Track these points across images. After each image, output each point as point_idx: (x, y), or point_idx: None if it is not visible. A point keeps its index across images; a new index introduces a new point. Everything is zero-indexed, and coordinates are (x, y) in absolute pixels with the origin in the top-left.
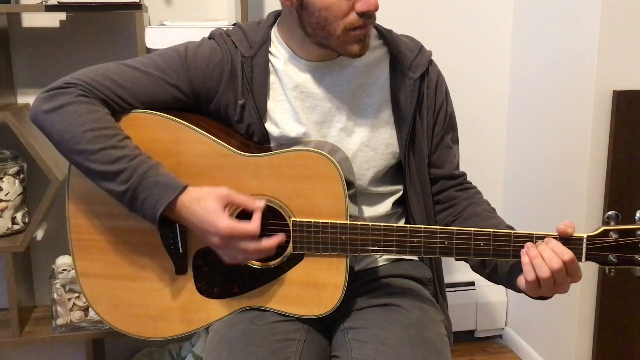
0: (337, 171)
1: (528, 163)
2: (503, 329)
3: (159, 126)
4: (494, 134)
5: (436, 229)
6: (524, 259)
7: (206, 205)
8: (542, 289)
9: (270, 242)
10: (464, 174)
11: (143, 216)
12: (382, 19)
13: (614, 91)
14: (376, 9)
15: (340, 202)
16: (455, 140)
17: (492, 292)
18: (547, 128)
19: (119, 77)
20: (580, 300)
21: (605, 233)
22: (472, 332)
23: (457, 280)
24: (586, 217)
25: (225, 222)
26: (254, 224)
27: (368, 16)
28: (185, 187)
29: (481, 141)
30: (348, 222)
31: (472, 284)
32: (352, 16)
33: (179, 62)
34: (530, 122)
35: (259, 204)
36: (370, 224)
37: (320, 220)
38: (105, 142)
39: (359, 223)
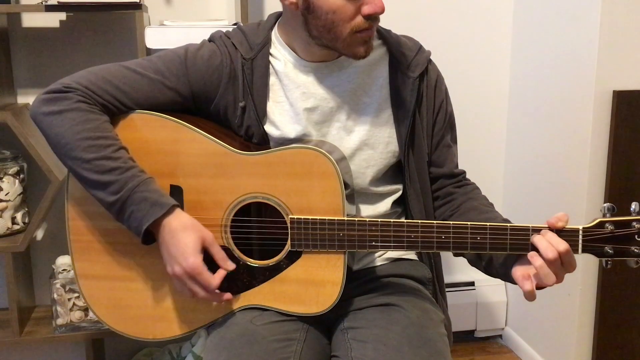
0: (334, 168)
1: (528, 163)
2: (503, 329)
3: (157, 126)
4: (494, 134)
5: (433, 223)
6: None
7: (187, 237)
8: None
9: (216, 298)
10: (463, 172)
11: (128, 227)
12: (383, 20)
13: (614, 91)
14: (382, 11)
15: (337, 198)
16: (454, 140)
17: (492, 292)
18: (547, 128)
19: (118, 80)
20: (580, 300)
21: (601, 225)
22: (472, 332)
23: (457, 280)
24: (586, 217)
25: (195, 262)
26: (216, 279)
27: (374, 18)
28: (173, 206)
29: (481, 141)
30: (345, 218)
31: (472, 284)
32: (359, 19)
33: (179, 65)
34: (530, 122)
35: (229, 266)
36: (367, 219)
37: (318, 217)
38: (99, 152)
39: (356, 219)
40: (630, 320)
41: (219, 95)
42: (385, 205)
